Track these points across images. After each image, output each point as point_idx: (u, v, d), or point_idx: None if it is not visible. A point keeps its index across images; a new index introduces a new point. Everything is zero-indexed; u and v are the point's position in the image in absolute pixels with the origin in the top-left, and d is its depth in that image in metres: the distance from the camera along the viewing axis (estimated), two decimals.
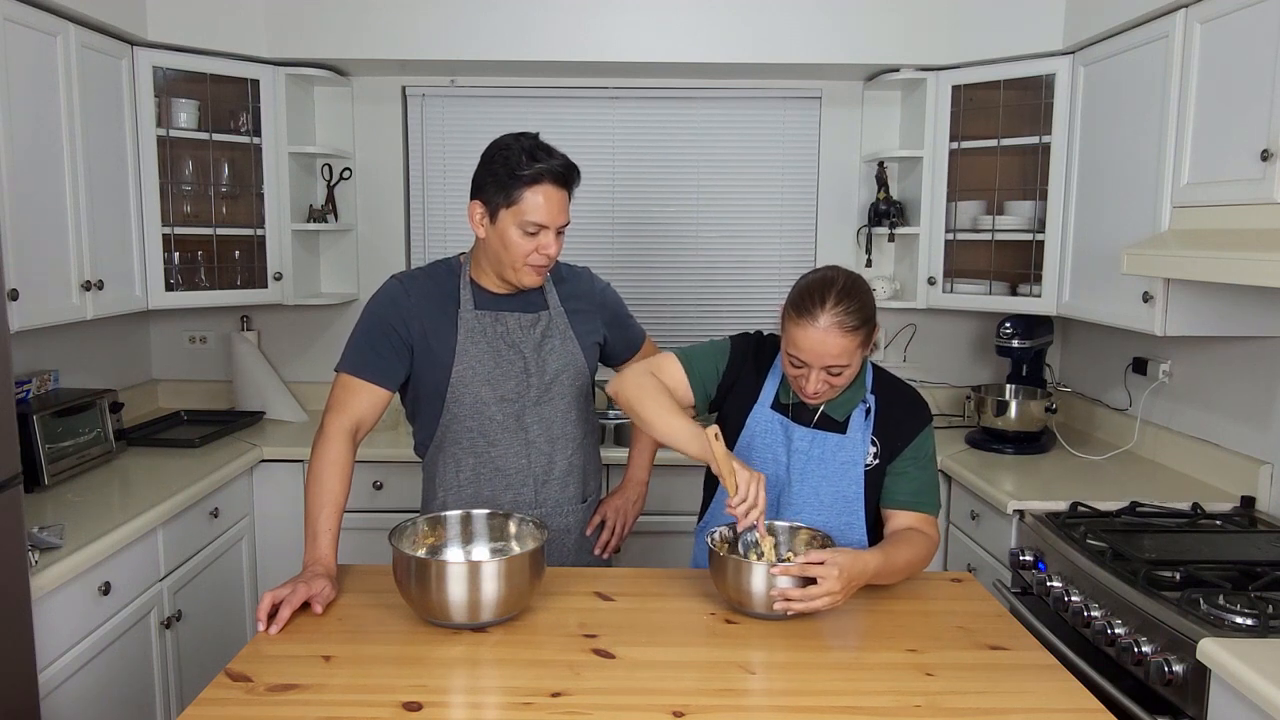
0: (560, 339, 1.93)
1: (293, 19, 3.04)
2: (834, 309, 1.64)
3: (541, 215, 1.78)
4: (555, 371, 1.92)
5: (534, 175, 1.76)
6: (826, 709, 1.32)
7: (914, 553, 1.74)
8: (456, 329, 1.87)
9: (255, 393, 3.36)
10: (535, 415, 1.91)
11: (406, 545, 1.64)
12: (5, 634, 1.72)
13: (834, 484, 1.79)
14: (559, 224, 1.81)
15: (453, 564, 1.52)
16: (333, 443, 1.78)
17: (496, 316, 1.89)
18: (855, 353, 1.68)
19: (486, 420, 1.89)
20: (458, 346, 1.86)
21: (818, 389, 1.70)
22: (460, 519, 1.73)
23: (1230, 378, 2.53)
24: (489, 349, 1.88)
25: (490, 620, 1.55)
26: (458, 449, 1.92)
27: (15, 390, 1.88)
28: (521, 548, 1.70)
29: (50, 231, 2.43)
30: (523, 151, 1.77)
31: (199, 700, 1.34)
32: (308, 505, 1.75)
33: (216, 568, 2.72)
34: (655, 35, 3.06)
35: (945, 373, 3.57)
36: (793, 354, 1.69)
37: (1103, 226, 2.63)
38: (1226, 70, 2.11)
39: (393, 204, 3.50)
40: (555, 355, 1.92)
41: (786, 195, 3.53)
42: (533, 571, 1.56)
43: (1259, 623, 1.65)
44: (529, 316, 1.91)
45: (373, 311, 1.88)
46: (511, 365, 1.89)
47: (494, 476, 1.92)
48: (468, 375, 1.87)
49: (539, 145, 1.80)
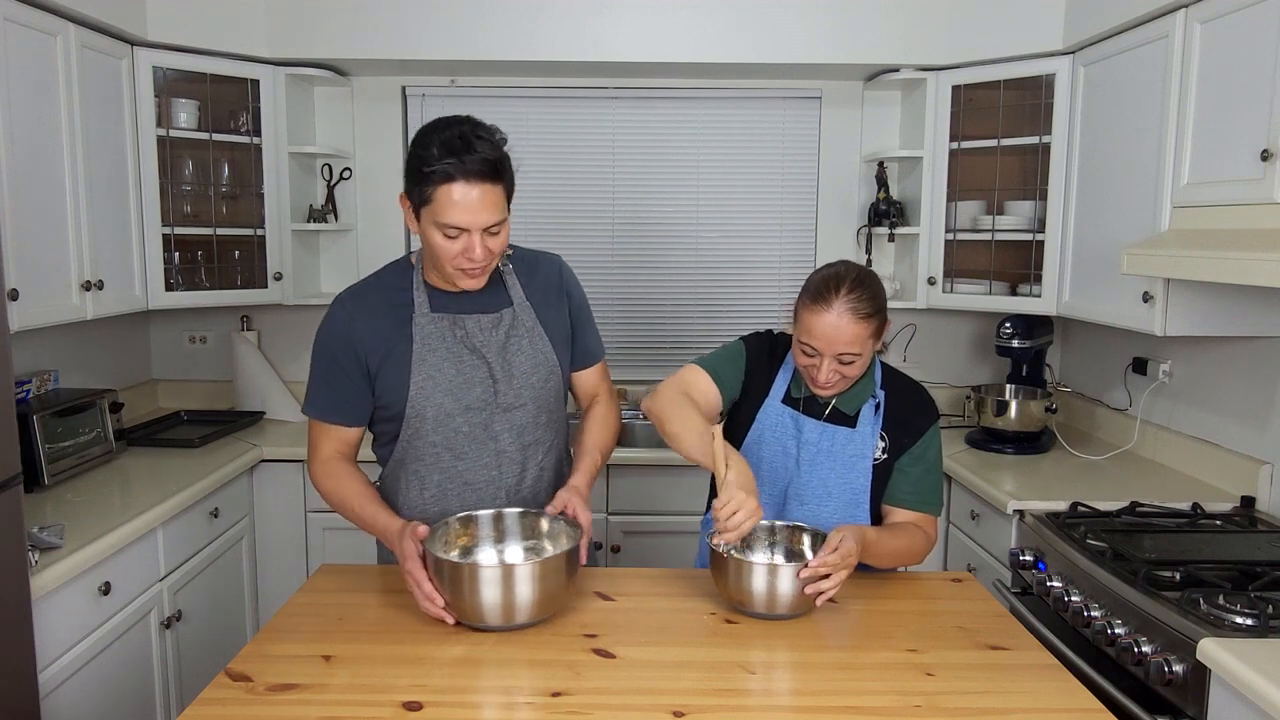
0: (528, 337, 1.77)
1: (293, 19, 3.04)
2: (848, 296, 1.68)
3: (457, 216, 1.57)
4: (524, 374, 1.76)
5: (444, 173, 1.55)
6: (826, 709, 1.32)
7: (909, 543, 1.78)
8: (412, 336, 1.72)
9: (255, 393, 3.36)
10: (505, 422, 1.76)
11: (439, 546, 1.62)
12: (5, 634, 1.72)
13: (843, 476, 1.81)
14: (483, 224, 1.59)
15: (486, 567, 1.50)
16: (322, 475, 1.77)
17: (454, 320, 1.73)
18: (867, 342, 1.71)
19: (452, 433, 1.74)
20: (414, 356, 1.71)
21: (829, 378, 1.73)
22: (492, 518, 1.71)
23: (1230, 378, 2.53)
24: (449, 356, 1.72)
25: (525, 622, 1.54)
26: (420, 465, 1.77)
27: (15, 390, 1.88)
28: (555, 547, 1.69)
29: (50, 231, 2.42)
30: (438, 143, 1.56)
31: (199, 700, 1.34)
32: (351, 515, 1.74)
33: (216, 568, 2.72)
34: (655, 35, 3.06)
35: (945, 373, 3.57)
36: (805, 342, 1.72)
37: (1103, 226, 2.63)
38: (1226, 70, 2.11)
39: (393, 204, 3.49)
40: (523, 355, 1.76)
41: (786, 195, 3.53)
42: (568, 573, 1.55)
43: (1259, 623, 1.65)
44: (490, 317, 1.75)
45: (323, 346, 1.75)
46: (475, 371, 1.73)
47: (462, 491, 1.78)
48: (428, 386, 1.71)
49: (460, 135, 1.57)
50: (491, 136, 1.61)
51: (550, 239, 3.50)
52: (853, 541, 1.60)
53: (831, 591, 1.57)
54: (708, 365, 1.86)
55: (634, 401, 3.52)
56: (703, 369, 1.85)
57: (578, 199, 3.52)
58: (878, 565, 1.77)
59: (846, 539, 1.60)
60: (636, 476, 2.98)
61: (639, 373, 3.59)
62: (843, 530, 1.62)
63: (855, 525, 1.68)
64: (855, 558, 1.60)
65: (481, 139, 1.58)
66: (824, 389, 1.76)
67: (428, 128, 1.63)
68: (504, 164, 1.61)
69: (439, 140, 1.57)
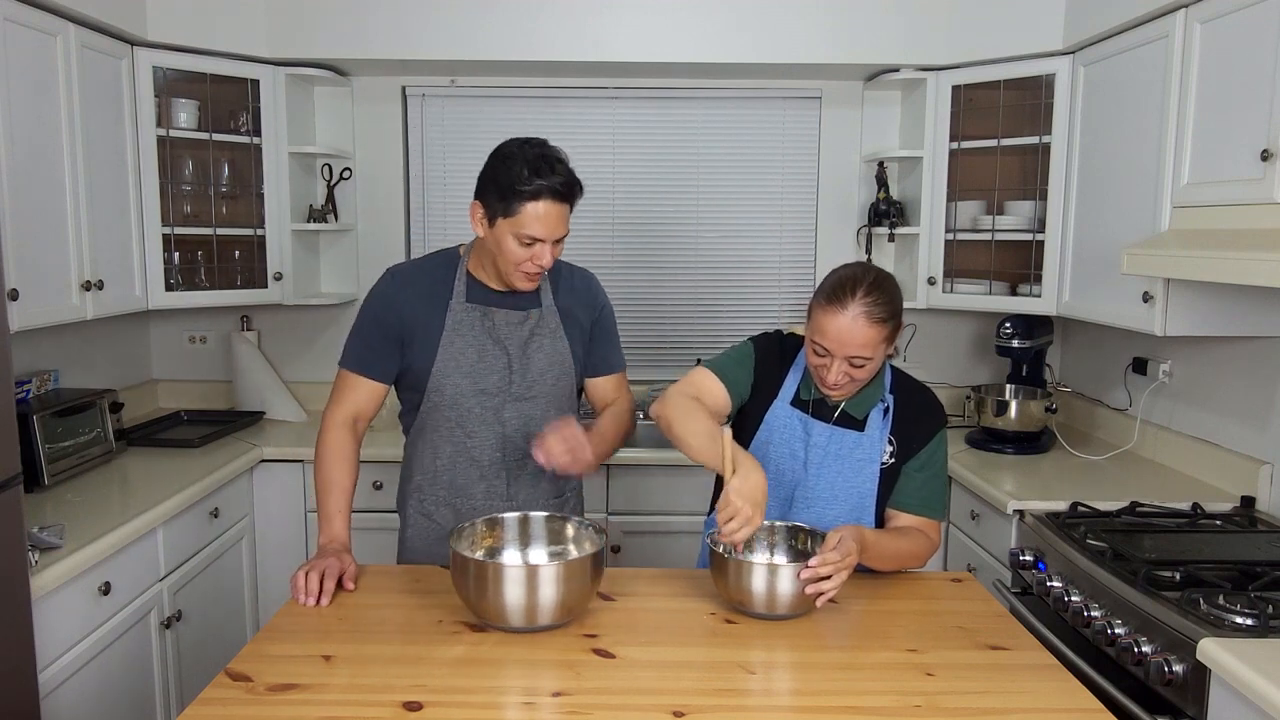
0: (550, 338, 1.94)
1: (293, 19, 3.04)
2: (864, 299, 1.67)
3: (538, 230, 1.77)
4: (540, 370, 1.93)
5: (534, 191, 1.75)
6: (826, 709, 1.32)
7: (911, 546, 1.78)
8: (445, 320, 1.89)
9: (255, 393, 3.36)
10: (515, 411, 1.93)
11: (465, 547, 1.64)
12: (5, 634, 1.72)
13: (850, 480, 1.81)
14: (556, 237, 1.81)
15: (510, 567, 1.50)
16: (331, 433, 1.90)
17: (485, 311, 1.90)
18: (879, 346, 1.70)
19: (464, 412, 1.91)
20: (443, 338, 1.89)
21: (838, 380, 1.72)
22: (518, 521, 1.73)
23: (1230, 378, 2.53)
24: (473, 343, 1.89)
25: (548, 624, 1.54)
26: (436, 435, 1.95)
27: (15, 390, 1.89)
28: (579, 551, 1.70)
29: (50, 231, 2.42)
30: (525, 164, 1.75)
31: (199, 700, 1.34)
32: (317, 493, 1.89)
33: (216, 568, 2.73)
34: (655, 35, 3.06)
35: (945, 373, 3.57)
36: (818, 342, 1.71)
37: (1103, 226, 2.63)
38: (1226, 70, 2.11)
39: (393, 204, 3.50)
40: (542, 353, 1.93)
41: (786, 195, 3.53)
42: (592, 576, 1.55)
43: (1259, 623, 1.65)
44: (518, 314, 1.92)
45: (367, 306, 1.93)
46: (495, 360, 1.90)
47: (469, 466, 1.95)
48: (449, 366, 1.89)
49: (544, 157, 1.77)
50: (565, 160, 1.81)
51: None
52: (852, 541, 1.60)
53: (832, 592, 1.57)
54: (716, 367, 1.86)
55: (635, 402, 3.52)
56: (711, 371, 1.85)
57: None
58: (878, 568, 1.76)
59: (846, 539, 1.60)
60: (636, 476, 2.98)
61: (639, 373, 3.58)
62: (841, 530, 1.62)
63: (854, 525, 1.68)
64: (855, 557, 1.60)
65: (561, 162, 1.79)
66: (832, 390, 1.76)
67: (509, 149, 1.80)
68: (579, 187, 1.83)
69: (524, 160, 1.76)
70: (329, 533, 1.83)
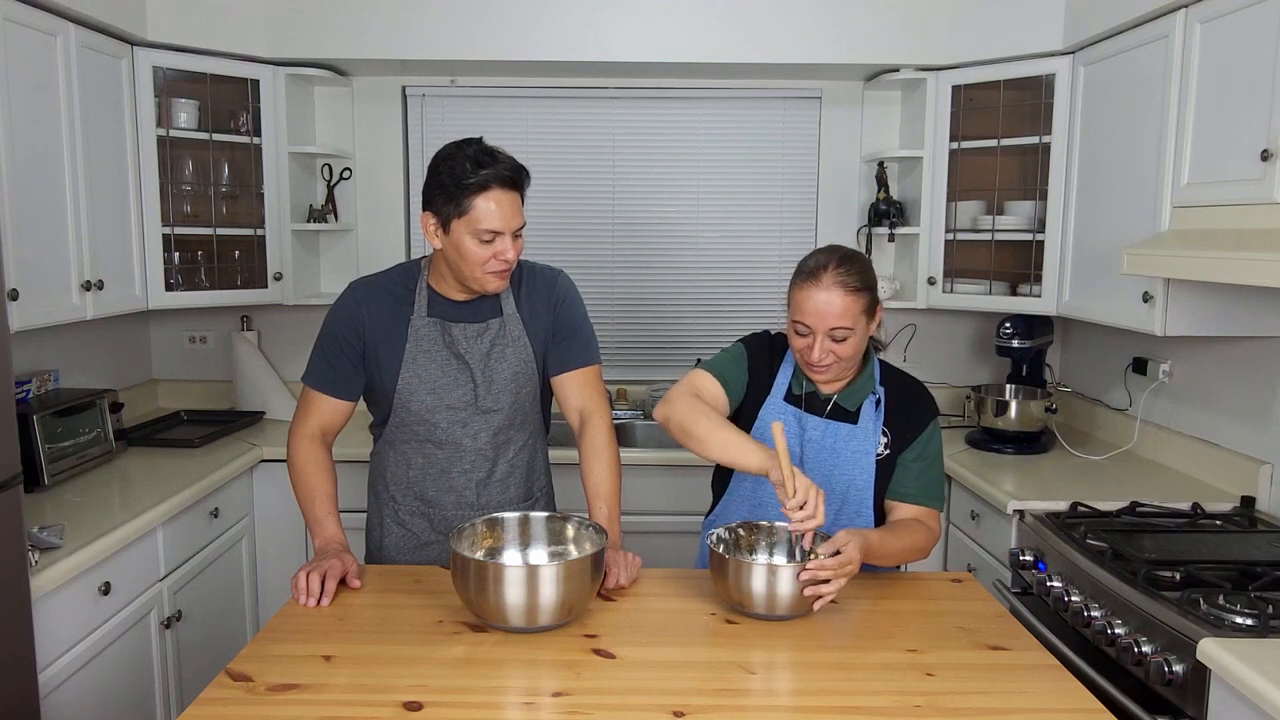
0: (512, 346, 1.90)
1: (293, 19, 3.04)
2: (836, 270, 1.72)
3: (494, 221, 1.74)
4: (504, 381, 1.90)
5: (481, 182, 1.72)
6: (826, 709, 1.32)
7: (912, 540, 1.78)
8: (407, 336, 1.87)
9: (255, 393, 3.36)
10: (482, 423, 1.91)
11: (465, 547, 1.64)
12: (5, 634, 1.72)
13: (846, 473, 1.82)
14: (513, 227, 1.77)
15: (511, 567, 1.49)
16: (301, 447, 1.89)
17: (444, 326, 1.87)
18: (859, 318, 1.72)
19: (432, 426, 1.90)
20: (405, 355, 1.87)
21: (822, 357, 1.73)
22: (518, 521, 1.73)
23: (1230, 378, 2.53)
24: (436, 359, 1.87)
25: (548, 625, 1.54)
26: (407, 447, 1.94)
27: (15, 390, 1.88)
28: (579, 551, 1.70)
29: (50, 231, 2.42)
30: (467, 159, 1.74)
31: (199, 700, 1.34)
32: (300, 504, 1.88)
33: (216, 568, 2.72)
34: (655, 35, 3.06)
35: (945, 373, 3.57)
36: (798, 320, 1.74)
37: (1103, 226, 2.63)
38: (1226, 70, 2.11)
39: (393, 204, 3.50)
40: (506, 363, 1.89)
41: (786, 195, 3.53)
42: (592, 576, 1.55)
43: (1259, 623, 1.65)
44: (476, 326, 1.88)
45: (329, 323, 1.91)
46: (459, 375, 1.88)
47: (439, 477, 1.94)
48: (413, 383, 1.87)
49: (484, 150, 1.76)
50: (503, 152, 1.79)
51: (550, 239, 3.50)
52: (855, 550, 1.59)
53: (830, 596, 1.56)
54: (713, 368, 1.87)
55: (635, 402, 3.52)
56: (709, 373, 1.86)
57: (578, 199, 3.52)
58: (884, 565, 1.77)
59: (850, 546, 1.59)
60: (636, 476, 2.97)
61: (639, 373, 3.59)
62: (847, 535, 1.62)
63: (858, 530, 1.67)
64: (856, 566, 1.59)
65: (501, 152, 1.77)
66: (819, 372, 1.77)
67: (446, 152, 1.79)
68: (525, 172, 1.80)
69: (465, 156, 1.74)
70: (324, 535, 1.82)
